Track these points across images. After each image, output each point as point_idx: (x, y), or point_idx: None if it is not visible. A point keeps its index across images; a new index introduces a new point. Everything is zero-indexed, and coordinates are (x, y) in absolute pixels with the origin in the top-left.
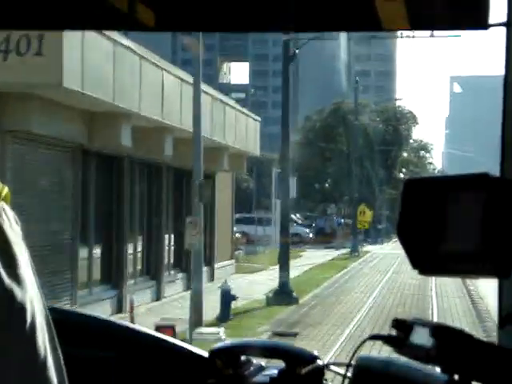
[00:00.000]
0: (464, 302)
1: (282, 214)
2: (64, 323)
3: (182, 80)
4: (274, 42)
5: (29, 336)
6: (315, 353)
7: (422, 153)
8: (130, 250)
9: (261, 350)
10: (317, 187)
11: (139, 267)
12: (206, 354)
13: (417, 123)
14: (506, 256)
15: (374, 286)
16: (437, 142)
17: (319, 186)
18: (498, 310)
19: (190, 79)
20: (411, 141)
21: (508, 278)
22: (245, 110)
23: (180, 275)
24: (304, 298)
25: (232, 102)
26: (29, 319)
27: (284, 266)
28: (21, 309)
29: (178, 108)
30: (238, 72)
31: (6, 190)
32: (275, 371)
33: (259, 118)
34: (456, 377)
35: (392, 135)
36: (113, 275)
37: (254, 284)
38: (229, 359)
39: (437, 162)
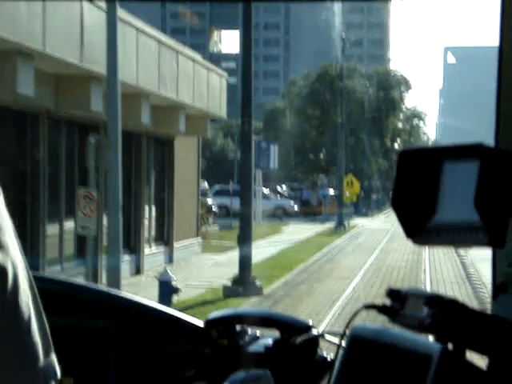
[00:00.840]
0: (463, 288)
1: (241, 184)
2: (63, 294)
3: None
4: (265, 9)
5: (11, 298)
6: (310, 322)
7: (416, 121)
8: (55, 230)
9: (256, 319)
10: (311, 157)
11: (70, 250)
12: (201, 324)
13: (409, 88)
14: (499, 226)
15: (357, 267)
16: (431, 113)
17: (313, 156)
18: (492, 279)
19: (131, 18)
20: (404, 108)
21: (502, 247)
22: (206, 63)
23: (127, 257)
24: (271, 285)
25: (189, 51)
26: (10, 281)
27: (244, 247)
28: (1, 270)
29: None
30: (229, 42)
31: None
32: (270, 341)
33: (225, 74)
34: (450, 346)
35: (384, 100)
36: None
37: (219, 266)
38: (224, 329)
39: (431, 133)
